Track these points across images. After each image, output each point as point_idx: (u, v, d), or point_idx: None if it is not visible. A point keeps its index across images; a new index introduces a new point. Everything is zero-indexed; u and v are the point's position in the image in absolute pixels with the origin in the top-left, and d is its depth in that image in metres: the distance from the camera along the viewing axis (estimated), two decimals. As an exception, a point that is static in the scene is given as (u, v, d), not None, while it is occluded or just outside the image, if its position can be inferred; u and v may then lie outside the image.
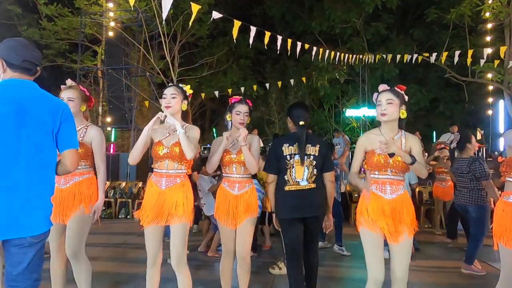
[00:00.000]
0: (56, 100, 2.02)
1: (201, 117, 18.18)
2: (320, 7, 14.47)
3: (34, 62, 2.00)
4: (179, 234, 2.62)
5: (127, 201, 8.41)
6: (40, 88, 2.04)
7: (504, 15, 10.08)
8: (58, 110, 1.97)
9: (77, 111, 2.78)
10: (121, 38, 10.77)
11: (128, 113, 10.81)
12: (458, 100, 14.95)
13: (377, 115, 2.51)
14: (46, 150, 1.93)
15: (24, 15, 12.35)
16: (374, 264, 2.41)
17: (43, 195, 1.92)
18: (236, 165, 2.93)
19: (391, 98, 2.46)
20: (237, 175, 2.95)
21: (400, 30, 15.03)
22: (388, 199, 2.43)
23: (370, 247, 2.43)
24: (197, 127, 2.78)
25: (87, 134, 2.79)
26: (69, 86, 2.81)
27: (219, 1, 13.50)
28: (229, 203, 2.91)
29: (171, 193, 2.63)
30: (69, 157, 2.00)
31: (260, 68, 16.59)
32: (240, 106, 2.94)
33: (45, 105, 1.94)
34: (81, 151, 2.68)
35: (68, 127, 2.00)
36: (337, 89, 15.10)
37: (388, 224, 2.40)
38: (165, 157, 2.65)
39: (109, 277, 4.00)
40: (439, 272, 4.57)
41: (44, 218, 1.92)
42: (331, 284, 4.11)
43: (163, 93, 2.75)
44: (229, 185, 2.97)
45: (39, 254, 1.92)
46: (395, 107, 2.44)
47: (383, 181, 2.46)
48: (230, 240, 2.97)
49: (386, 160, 2.43)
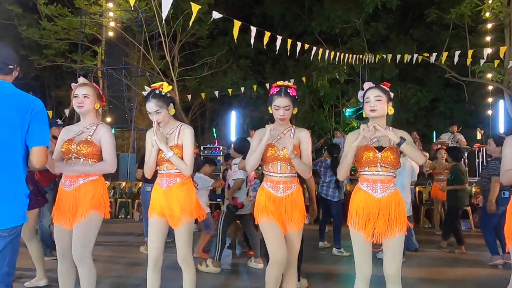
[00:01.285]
0: (27, 98, 2.01)
1: (201, 117, 18.15)
2: (320, 7, 14.45)
3: (3, 61, 2.00)
4: (182, 233, 2.66)
5: (127, 201, 8.42)
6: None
7: (504, 15, 10.08)
8: (28, 108, 1.97)
9: (91, 108, 2.73)
10: (121, 38, 10.78)
11: (128, 113, 10.82)
12: (458, 100, 14.93)
13: (365, 112, 2.52)
14: (13, 147, 1.94)
15: (24, 15, 12.34)
16: (361, 260, 2.42)
17: (12, 190, 1.94)
18: (282, 163, 2.61)
19: (379, 94, 2.47)
20: (282, 174, 2.63)
21: (400, 30, 15.01)
22: (378, 197, 2.42)
23: (358, 244, 2.45)
24: (192, 127, 2.76)
25: (96, 132, 2.71)
26: (83, 83, 2.72)
27: (219, 1, 13.48)
28: (273, 206, 2.61)
29: (171, 192, 2.65)
30: (35, 154, 2.00)
31: (260, 68, 16.57)
32: (278, 99, 2.59)
33: (13, 103, 1.95)
34: (88, 150, 2.64)
35: (38, 124, 1.99)
36: (337, 89, 15.08)
37: (377, 227, 2.39)
38: (164, 161, 2.67)
39: (109, 277, 3.99)
40: (439, 272, 4.56)
41: (16, 212, 1.95)
42: (331, 284, 4.11)
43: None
44: (272, 185, 2.64)
45: (11, 247, 1.94)
46: (383, 103, 2.46)
47: (374, 179, 2.45)
48: (281, 247, 2.58)
49: (375, 155, 2.43)
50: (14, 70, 2.06)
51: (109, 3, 11.84)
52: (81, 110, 2.70)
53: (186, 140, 2.67)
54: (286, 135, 2.64)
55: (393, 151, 2.45)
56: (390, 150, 2.45)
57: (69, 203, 2.64)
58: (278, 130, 2.68)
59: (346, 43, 14.40)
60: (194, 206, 2.71)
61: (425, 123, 15.88)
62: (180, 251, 2.66)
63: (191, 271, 2.70)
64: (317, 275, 4.26)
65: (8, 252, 1.94)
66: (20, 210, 1.98)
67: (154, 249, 2.67)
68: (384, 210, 2.41)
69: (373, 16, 14.01)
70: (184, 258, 2.66)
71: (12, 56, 2.06)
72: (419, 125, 15.07)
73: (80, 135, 2.70)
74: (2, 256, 1.92)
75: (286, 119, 2.64)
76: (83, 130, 2.72)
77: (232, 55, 14.65)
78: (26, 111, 1.96)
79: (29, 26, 12.13)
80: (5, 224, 1.91)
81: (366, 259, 2.43)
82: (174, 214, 2.64)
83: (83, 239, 2.62)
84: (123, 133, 13.86)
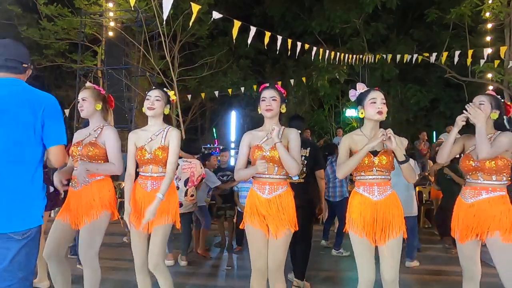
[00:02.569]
0: (38, 94, 1.97)
1: (201, 117, 18.13)
2: (319, 7, 14.44)
3: (18, 59, 1.98)
4: (159, 235, 2.65)
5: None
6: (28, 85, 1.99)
7: (504, 15, 10.07)
8: (40, 105, 1.92)
9: (93, 110, 2.79)
10: (121, 38, 10.76)
11: (128, 113, 10.80)
12: (458, 100, 14.91)
13: (369, 114, 2.46)
14: (27, 146, 1.89)
15: (24, 15, 12.32)
16: (365, 265, 2.39)
17: (25, 191, 1.87)
18: (269, 164, 2.53)
19: (384, 98, 2.47)
20: (269, 175, 2.56)
21: (400, 30, 15.00)
22: (376, 200, 2.41)
23: (359, 249, 2.42)
24: (178, 130, 2.80)
25: (101, 134, 2.75)
26: (84, 87, 2.84)
27: (219, 1, 13.47)
28: (259, 209, 2.53)
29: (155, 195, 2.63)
30: (53, 154, 1.97)
31: (260, 68, 16.56)
32: (264, 91, 2.61)
33: (25, 101, 1.90)
34: (93, 152, 2.67)
35: (52, 122, 1.95)
36: (337, 89, 15.06)
37: (375, 231, 2.39)
38: (149, 162, 2.68)
39: (109, 277, 3.99)
40: (439, 272, 4.56)
41: (28, 214, 1.87)
42: (332, 284, 4.11)
43: (147, 95, 2.76)
44: (259, 187, 2.58)
45: (26, 251, 1.86)
46: (386, 107, 2.46)
47: (370, 182, 2.44)
48: (261, 255, 2.53)
49: (370, 160, 2.42)
50: (28, 68, 2.04)
51: (109, 3, 11.82)
52: (82, 114, 2.79)
53: (172, 143, 2.68)
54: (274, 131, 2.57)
55: (387, 155, 2.44)
56: (385, 154, 2.44)
57: (77, 203, 2.66)
58: (265, 131, 2.63)
59: (346, 43, 14.38)
60: (176, 209, 2.73)
61: (425, 123, 15.87)
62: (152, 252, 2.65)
63: (166, 276, 2.69)
64: (318, 277, 4.26)
65: (23, 256, 1.85)
66: (35, 212, 1.90)
67: (140, 252, 2.71)
68: (382, 213, 2.40)
69: (373, 16, 13.99)
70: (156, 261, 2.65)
71: (26, 55, 2.04)
72: (419, 125, 15.06)
73: (87, 137, 2.76)
74: (16, 260, 1.83)
75: (274, 111, 2.57)
76: (90, 133, 2.77)
77: (232, 55, 14.63)
78: (39, 109, 1.91)
79: (29, 26, 12.09)
80: (18, 226, 1.83)
81: (369, 263, 2.40)
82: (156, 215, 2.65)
83: (89, 240, 2.63)
84: (123, 133, 13.82)
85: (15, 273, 1.83)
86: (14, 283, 1.83)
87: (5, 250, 1.81)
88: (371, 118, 2.47)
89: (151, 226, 2.66)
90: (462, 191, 2.64)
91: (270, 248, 2.52)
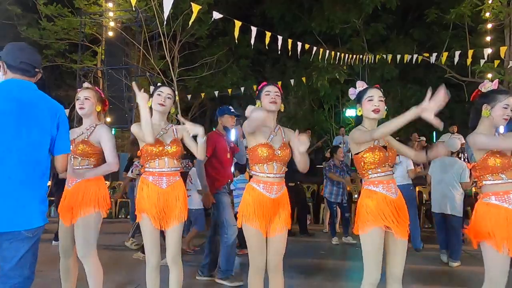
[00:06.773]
0: (53, 102, 2.11)
1: (201, 117, 18.13)
2: (319, 8, 14.45)
3: (31, 64, 2.08)
4: (177, 232, 2.70)
5: (127, 201, 8.40)
6: (39, 89, 2.12)
7: (504, 15, 10.08)
8: (56, 113, 2.07)
9: (93, 110, 2.85)
10: (121, 38, 10.76)
11: (128, 113, 10.80)
12: (458, 100, 14.91)
13: (365, 111, 2.44)
14: (43, 149, 2.02)
15: (24, 15, 12.31)
16: (375, 267, 2.30)
17: (38, 190, 1.98)
18: (278, 163, 2.52)
19: (382, 96, 2.45)
20: (276, 175, 2.53)
21: (400, 30, 14.99)
22: (394, 198, 2.38)
23: (374, 248, 2.31)
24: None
25: (94, 132, 2.80)
26: (86, 87, 2.89)
27: (219, 1, 13.47)
28: (264, 209, 2.49)
29: (173, 192, 2.68)
30: (61, 161, 2.11)
31: (260, 68, 16.55)
32: (269, 86, 2.68)
33: (45, 107, 2.04)
34: (84, 149, 2.73)
35: (64, 131, 2.11)
36: (337, 89, 15.05)
37: (394, 223, 2.33)
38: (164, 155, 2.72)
39: (109, 277, 3.99)
40: (439, 271, 4.57)
41: (39, 212, 1.97)
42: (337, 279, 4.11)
43: (158, 90, 2.79)
44: (266, 187, 2.50)
45: (33, 250, 1.93)
46: (384, 105, 2.44)
47: (387, 180, 2.41)
48: (261, 253, 2.53)
49: (385, 155, 2.38)
50: (38, 73, 2.17)
51: (109, 3, 11.82)
52: (82, 112, 2.82)
53: (185, 134, 2.80)
54: (278, 133, 2.64)
55: (391, 148, 2.46)
56: (389, 148, 2.46)
57: (70, 201, 2.73)
58: (269, 127, 2.62)
59: (346, 43, 14.39)
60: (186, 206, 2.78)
61: (425, 123, 15.61)
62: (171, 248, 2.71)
63: (180, 270, 2.74)
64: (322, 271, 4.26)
65: (30, 255, 1.92)
66: (44, 210, 2.01)
67: (155, 247, 2.70)
68: (397, 210, 2.37)
69: (373, 16, 13.99)
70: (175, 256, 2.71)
71: (39, 61, 2.17)
72: (419, 125, 15.06)
73: (80, 136, 2.80)
74: (25, 258, 1.89)
75: (278, 105, 2.62)
76: (83, 131, 2.83)
77: (232, 55, 14.63)
78: (55, 117, 2.06)
79: (29, 26, 12.10)
80: (31, 223, 1.91)
81: (379, 265, 2.32)
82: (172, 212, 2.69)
83: (84, 237, 2.69)
84: (123, 133, 13.83)
85: (22, 271, 1.89)
86: (20, 282, 1.88)
87: (14, 249, 1.87)
88: (368, 116, 2.45)
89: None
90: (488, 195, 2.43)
91: (271, 245, 2.54)
